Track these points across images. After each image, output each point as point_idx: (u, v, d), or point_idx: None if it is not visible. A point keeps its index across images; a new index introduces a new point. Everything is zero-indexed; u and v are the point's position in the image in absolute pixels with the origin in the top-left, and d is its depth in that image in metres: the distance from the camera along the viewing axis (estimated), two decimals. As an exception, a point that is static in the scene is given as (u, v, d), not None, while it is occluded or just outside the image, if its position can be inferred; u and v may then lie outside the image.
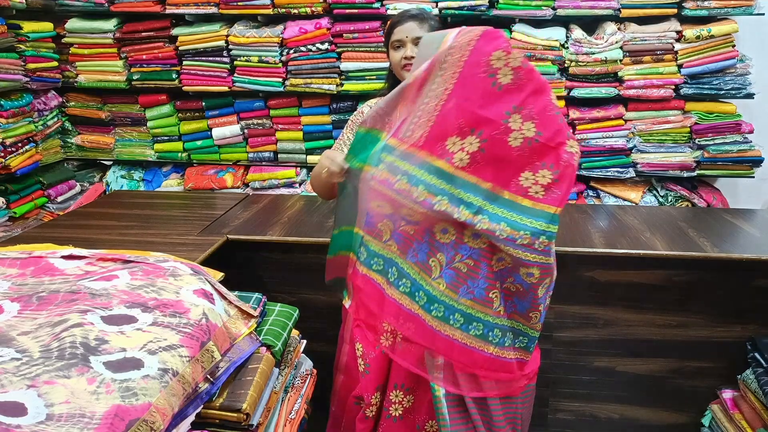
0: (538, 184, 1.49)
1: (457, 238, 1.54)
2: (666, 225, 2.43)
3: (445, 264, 1.56)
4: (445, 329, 1.57)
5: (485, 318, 1.57)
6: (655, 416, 2.34)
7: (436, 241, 1.55)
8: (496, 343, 1.58)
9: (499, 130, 1.47)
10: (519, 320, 1.60)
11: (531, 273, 1.52)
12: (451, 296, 1.56)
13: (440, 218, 1.52)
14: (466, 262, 1.55)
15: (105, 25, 3.30)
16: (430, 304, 1.57)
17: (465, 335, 1.57)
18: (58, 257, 1.62)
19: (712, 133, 3.16)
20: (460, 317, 1.56)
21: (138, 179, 3.53)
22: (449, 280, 1.56)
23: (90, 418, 1.02)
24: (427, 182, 1.50)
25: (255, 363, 1.54)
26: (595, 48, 3.11)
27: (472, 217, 1.49)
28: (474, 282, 1.55)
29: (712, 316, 2.22)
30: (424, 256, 1.57)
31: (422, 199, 1.50)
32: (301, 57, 3.24)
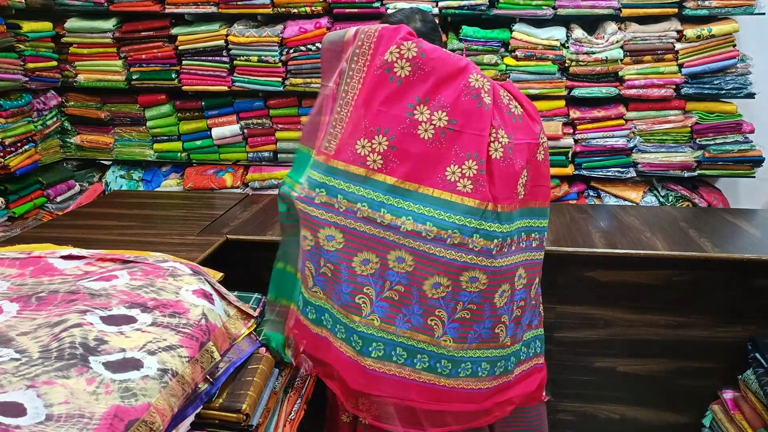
0: (465, 177, 1.41)
1: (381, 265, 1.44)
2: (667, 225, 2.43)
3: (375, 297, 1.45)
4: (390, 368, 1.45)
5: (429, 348, 1.46)
6: (655, 416, 2.34)
7: (358, 275, 1.45)
8: (446, 375, 1.47)
9: (405, 124, 1.41)
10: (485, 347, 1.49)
11: (475, 277, 1.42)
12: (388, 329, 1.45)
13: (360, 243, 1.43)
14: (396, 289, 1.44)
15: (104, 25, 3.30)
16: (367, 346, 1.45)
17: (412, 370, 1.46)
18: (57, 257, 1.62)
19: (713, 133, 3.16)
20: (402, 351, 1.45)
21: (137, 179, 3.52)
22: (382, 314, 1.45)
23: (89, 418, 1.01)
24: (345, 191, 1.44)
25: (255, 363, 1.53)
26: (596, 47, 3.10)
27: (395, 220, 1.41)
28: (409, 309, 1.44)
29: (712, 317, 2.22)
30: (347, 297, 1.46)
31: (345, 208, 1.44)
32: (300, 56, 3.23)
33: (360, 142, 1.43)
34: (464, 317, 1.46)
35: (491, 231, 1.42)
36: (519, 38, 3.12)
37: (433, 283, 1.43)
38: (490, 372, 1.52)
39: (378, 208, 1.42)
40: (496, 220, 1.43)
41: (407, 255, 1.43)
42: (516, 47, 3.12)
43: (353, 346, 1.47)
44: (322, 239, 1.46)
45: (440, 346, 1.46)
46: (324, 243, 1.45)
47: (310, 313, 1.53)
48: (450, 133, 1.41)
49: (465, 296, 1.44)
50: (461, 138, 1.41)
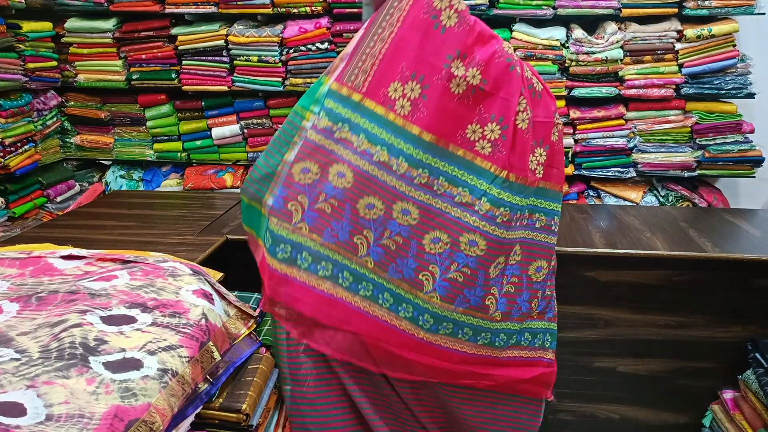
0: (485, 138, 1.40)
1: (385, 213, 1.41)
2: (667, 225, 2.43)
3: (373, 242, 1.42)
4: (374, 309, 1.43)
5: (415, 300, 1.44)
6: (655, 416, 2.34)
7: (360, 217, 1.41)
8: (426, 329, 1.45)
9: (440, 74, 1.38)
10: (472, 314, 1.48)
11: (475, 241, 1.41)
12: (379, 273, 1.43)
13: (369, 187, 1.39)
14: (394, 239, 1.42)
15: (104, 25, 3.30)
16: (357, 284, 1.42)
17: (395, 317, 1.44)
18: (57, 257, 1.62)
19: (713, 133, 3.16)
20: (389, 297, 1.43)
21: (137, 179, 3.52)
22: (377, 258, 1.42)
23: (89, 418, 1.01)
24: (368, 131, 1.39)
25: (255, 363, 1.53)
26: (596, 47, 3.10)
27: (411, 170, 1.39)
28: (403, 261, 1.43)
29: (712, 316, 2.21)
30: (346, 234, 1.41)
31: (363, 149, 1.39)
32: (300, 56, 3.23)
33: (393, 85, 1.39)
34: (456, 279, 1.45)
35: (499, 198, 1.41)
36: (519, 38, 3.12)
37: (432, 238, 1.42)
38: (471, 338, 1.50)
39: (397, 155, 1.39)
40: (507, 188, 1.42)
41: (414, 209, 1.41)
42: (516, 47, 3.12)
43: (340, 282, 1.41)
44: (332, 174, 1.40)
45: (426, 301, 1.44)
46: (332, 178, 1.40)
47: (281, 253, 1.41)
48: (480, 92, 1.39)
49: (461, 258, 1.43)
50: (489, 99, 1.40)
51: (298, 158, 1.42)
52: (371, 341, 1.43)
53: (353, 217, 1.41)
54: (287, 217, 1.41)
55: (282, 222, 1.41)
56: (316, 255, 1.41)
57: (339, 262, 1.41)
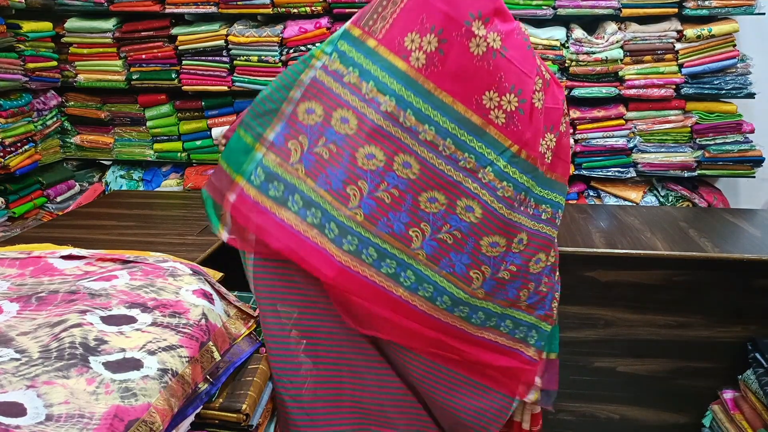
0: (501, 108, 1.35)
1: (385, 164, 1.37)
2: (667, 225, 2.43)
3: (367, 193, 1.38)
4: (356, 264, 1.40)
5: (399, 256, 1.41)
6: (655, 416, 2.34)
7: (357, 167, 1.37)
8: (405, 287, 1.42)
9: (460, 31, 1.32)
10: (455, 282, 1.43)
11: (471, 207, 1.38)
12: (367, 227, 1.39)
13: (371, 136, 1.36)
14: (390, 192, 1.38)
15: (104, 25, 3.30)
16: (341, 237, 1.38)
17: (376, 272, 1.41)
18: (57, 257, 1.62)
19: (713, 133, 3.16)
20: (373, 252, 1.40)
21: (137, 179, 3.52)
22: (368, 210, 1.38)
23: (89, 418, 1.01)
24: (378, 79, 1.35)
25: (255, 363, 1.53)
26: (596, 47, 3.10)
27: (417, 125, 1.35)
28: (395, 215, 1.39)
29: (712, 316, 2.22)
30: (339, 183, 1.38)
31: (370, 96, 1.35)
32: (301, 56, 3.22)
33: (410, 36, 1.34)
34: (445, 240, 1.42)
35: (504, 171, 1.39)
36: (519, 38, 3.12)
37: (429, 197, 1.39)
38: (449, 308, 1.46)
39: (405, 108, 1.35)
40: (515, 164, 1.39)
41: (415, 162, 1.37)
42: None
43: (326, 233, 1.39)
44: (335, 119, 1.37)
45: (411, 257, 1.41)
46: (335, 123, 1.37)
47: (273, 190, 1.39)
48: (501, 58, 1.34)
49: (454, 220, 1.41)
50: (510, 68, 1.35)
51: (303, 97, 1.39)
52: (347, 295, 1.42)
53: (350, 166, 1.37)
54: (286, 156, 1.39)
55: (280, 159, 1.39)
56: (307, 200, 1.39)
57: (328, 211, 1.39)
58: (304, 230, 1.39)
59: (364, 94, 1.36)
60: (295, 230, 1.39)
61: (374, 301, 1.43)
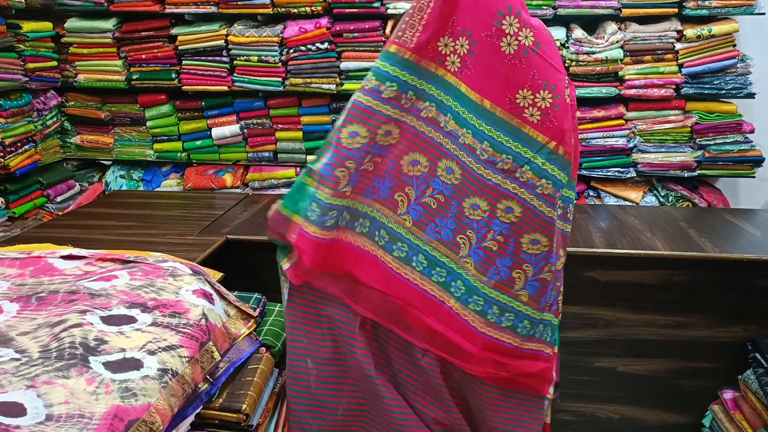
0: (536, 106, 1.33)
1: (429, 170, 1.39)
2: (667, 225, 2.43)
3: (414, 199, 1.40)
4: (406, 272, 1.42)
5: (449, 264, 1.42)
6: (655, 416, 2.34)
7: (403, 174, 1.40)
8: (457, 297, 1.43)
9: (490, 31, 1.32)
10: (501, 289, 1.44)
11: (511, 208, 1.38)
12: (417, 233, 1.41)
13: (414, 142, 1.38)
14: (436, 198, 1.40)
15: (104, 25, 3.30)
16: (392, 243, 1.41)
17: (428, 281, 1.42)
18: (57, 257, 1.62)
19: (713, 133, 3.16)
20: (423, 259, 1.42)
21: (137, 179, 3.52)
22: (416, 216, 1.40)
23: (89, 418, 1.01)
24: (417, 88, 1.37)
25: (255, 363, 1.53)
26: (596, 47, 3.10)
27: (457, 129, 1.36)
28: (443, 220, 1.41)
29: (712, 316, 2.21)
30: (387, 191, 1.41)
31: (409, 105, 1.37)
32: (300, 56, 3.23)
33: (443, 40, 1.35)
34: (490, 247, 1.42)
35: (543, 168, 1.37)
36: (519, 38, 3.12)
37: (471, 203, 1.39)
38: (497, 320, 1.45)
39: (445, 112, 1.37)
40: (552, 161, 1.38)
41: (457, 168, 1.39)
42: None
43: (376, 240, 1.42)
44: (380, 135, 1.39)
45: (461, 266, 1.42)
46: (379, 139, 1.39)
47: (330, 220, 1.41)
48: (533, 55, 1.32)
49: (496, 225, 1.40)
50: (542, 65, 1.33)
51: (345, 122, 1.40)
52: (400, 304, 1.43)
53: (395, 173, 1.40)
54: (335, 184, 1.40)
55: (330, 189, 1.40)
56: (354, 212, 1.41)
57: (377, 219, 1.41)
58: (354, 240, 1.42)
59: (403, 103, 1.37)
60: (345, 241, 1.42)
61: (427, 312, 1.43)
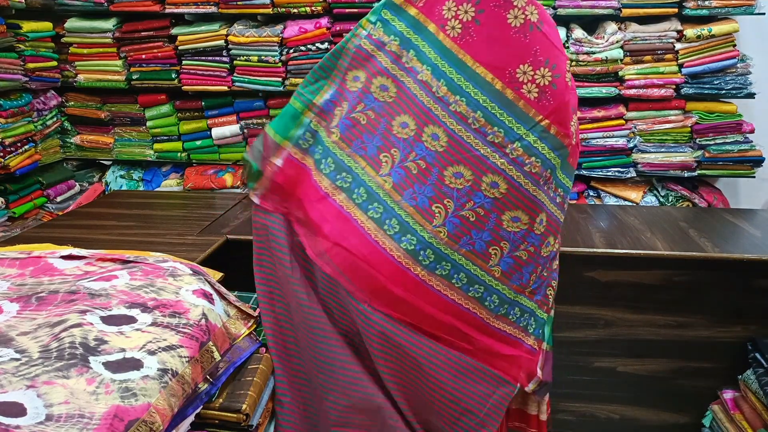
0: (534, 82, 1.34)
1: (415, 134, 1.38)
2: (667, 225, 2.43)
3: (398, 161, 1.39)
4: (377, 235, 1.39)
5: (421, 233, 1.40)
6: (655, 416, 2.34)
7: (392, 134, 1.39)
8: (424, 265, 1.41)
9: (498, 2, 1.32)
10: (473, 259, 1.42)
11: (496, 183, 1.37)
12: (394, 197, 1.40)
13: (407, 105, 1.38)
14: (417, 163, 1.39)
15: (104, 25, 3.30)
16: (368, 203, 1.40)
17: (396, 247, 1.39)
18: (57, 257, 1.62)
19: (713, 133, 3.16)
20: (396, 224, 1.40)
21: (137, 179, 3.52)
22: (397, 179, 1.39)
23: (89, 418, 1.01)
24: (418, 48, 1.37)
25: (255, 363, 1.53)
26: (596, 47, 3.10)
27: (448, 95, 1.35)
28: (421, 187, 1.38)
29: (712, 316, 2.21)
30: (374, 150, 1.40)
31: (410, 65, 1.37)
32: (301, 56, 3.23)
33: (448, 4, 1.35)
34: (468, 217, 1.40)
35: (534, 146, 1.37)
36: (519, 38, 3.12)
37: (455, 172, 1.38)
38: (464, 287, 1.44)
39: (439, 77, 1.35)
40: (544, 139, 1.37)
41: (443, 135, 1.37)
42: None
43: (354, 198, 1.40)
44: (375, 86, 1.40)
45: (433, 236, 1.39)
46: (374, 90, 1.40)
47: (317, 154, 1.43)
48: (537, 32, 1.32)
49: (479, 197, 1.39)
50: (545, 43, 1.33)
51: (350, 65, 1.41)
52: (365, 267, 1.41)
53: (385, 133, 1.40)
54: (329, 119, 1.42)
55: (323, 122, 1.42)
56: (339, 164, 1.41)
57: (359, 176, 1.40)
58: (332, 193, 1.42)
59: (404, 63, 1.38)
60: (323, 192, 1.42)
61: (392, 278, 1.41)
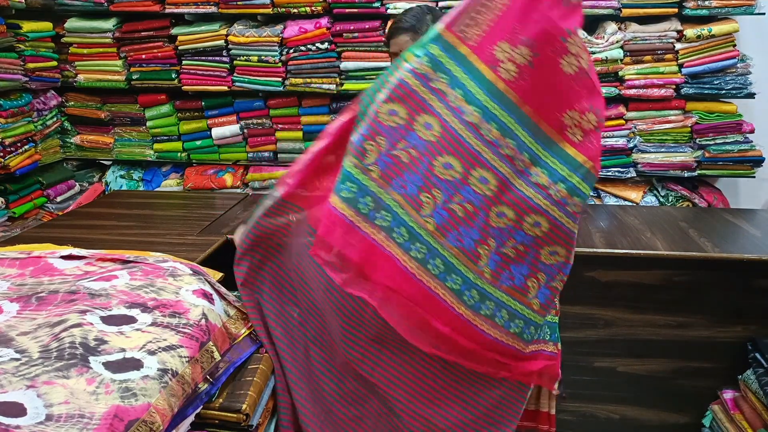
0: (580, 126, 1.35)
1: (462, 177, 1.37)
2: (667, 225, 2.43)
3: (441, 203, 1.37)
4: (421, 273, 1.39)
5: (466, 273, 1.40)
6: (655, 416, 2.34)
7: (434, 175, 1.37)
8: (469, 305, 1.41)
9: (555, 47, 1.31)
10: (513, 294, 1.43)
11: (538, 223, 1.38)
12: (437, 238, 1.38)
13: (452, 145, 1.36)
14: (464, 206, 1.38)
15: (104, 25, 3.30)
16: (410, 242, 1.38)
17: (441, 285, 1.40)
18: (57, 257, 1.62)
19: (713, 133, 3.16)
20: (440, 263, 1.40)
21: (137, 179, 3.52)
22: (440, 221, 1.38)
23: (89, 418, 1.01)
24: (466, 88, 1.34)
25: (255, 363, 1.53)
26: (596, 47, 3.10)
27: (500, 139, 1.35)
28: (467, 230, 1.38)
29: (712, 316, 2.21)
30: (415, 189, 1.38)
31: (456, 105, 1.35)
32: (300, 56, 3.23)
33: (501, 45, 1.33)
34: (508, 254, 1.41)
35: (578, 188, 1.37)
36: (519, 38, 3.12)
37: (498, 212, 1.39)
38: (506, 324, 1.45)
39: (489, 120, 1.34)
40: (587, 180, 1.38)
41: (493, 179, 1.37)
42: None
43: (395, 238, 1.38)
44: (419, 123, 1.37)
45: (478, 276, 1.41)
46: (418, 128, 1.37)
47: (346, 191, 1.38)
48: (587, 78, 1.33)
49: (520, 235, 1.40)
50: (592, 88, 1.34)
51: (389, 98, 1.37)
52: (410, 306, 1.41)
53: (427, 173, 1.37)
54: (361, 156, 1.38)
55: (355, 160, 1.38)
56: (378, 202, 1.38)
57: (399, 215, 1.38)
58: (371, 232, 1.39)
59: (450, 101, 1.35)
60: (363, 232, 1.38)
61: (436, 316, 1.41)
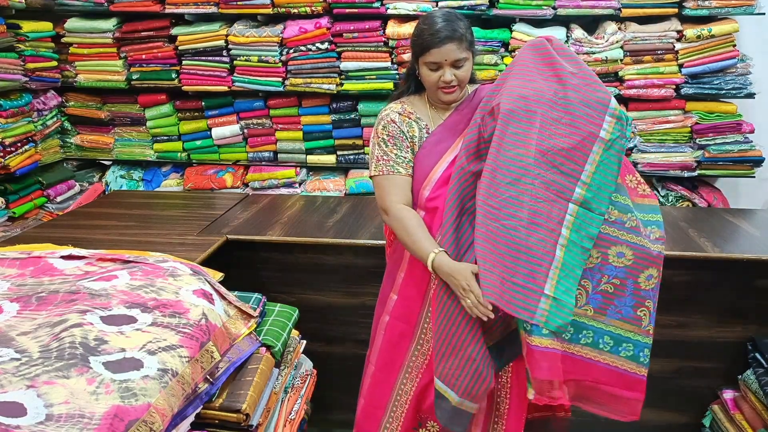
0: (641, 183, 1.61)
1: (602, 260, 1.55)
2: (667, 225, 2.41)
3: (591, 290, 1.55)
4: (594, 354, 1.57)
5: (635, 338, 1.56)
6: (655, 416, 2.34)
7: (642, 290, 1.55)
8: (647, 364, 1.57)
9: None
10: (628, 328, 1.57)
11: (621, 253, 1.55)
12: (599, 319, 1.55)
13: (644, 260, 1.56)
14: (612, 283, 1.54)
15: (104, 25, 3.30)
16: (578, 333, 1.56)
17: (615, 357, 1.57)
18: (57, 257, 1.62)
19: (713, 133, 3.16)
20: (609, 340, 1.56)
21: (137, 179, 3.52)
22: (596, 305, 1.56)
23: (89, 418, 1.02)
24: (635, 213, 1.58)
25: (255, 363, 1.53)
26: (596, 48, 3.10)
27: (621, 216, 1.54)
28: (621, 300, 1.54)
29: (712, 316, 2.21)
30: (630, 311, 1.56)
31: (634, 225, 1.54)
32: (300, 56, 3.23)
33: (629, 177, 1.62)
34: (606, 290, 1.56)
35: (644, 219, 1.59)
36: (519, 38, 3.12)
37: (647, 275, 1.55)
38: (635, 357, 1.59)
39: (626, 212, 1.55)
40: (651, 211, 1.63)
41: (627, 250, 1.54)
42: (516, 47, 3.12)
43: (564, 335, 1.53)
44: (612, 255, 1.54)
45: (645, 336, 1.56)
46: (613, 260, 1.54)
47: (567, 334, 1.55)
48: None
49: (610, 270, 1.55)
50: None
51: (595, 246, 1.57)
52: (592, 385, 1.59)
53: (635, 291, 1.54)
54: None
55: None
56: (600, 331, 1.56)
57: (632, 338, 1.56)
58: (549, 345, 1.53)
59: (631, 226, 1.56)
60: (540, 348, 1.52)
61: (623, 387, 1.58)
